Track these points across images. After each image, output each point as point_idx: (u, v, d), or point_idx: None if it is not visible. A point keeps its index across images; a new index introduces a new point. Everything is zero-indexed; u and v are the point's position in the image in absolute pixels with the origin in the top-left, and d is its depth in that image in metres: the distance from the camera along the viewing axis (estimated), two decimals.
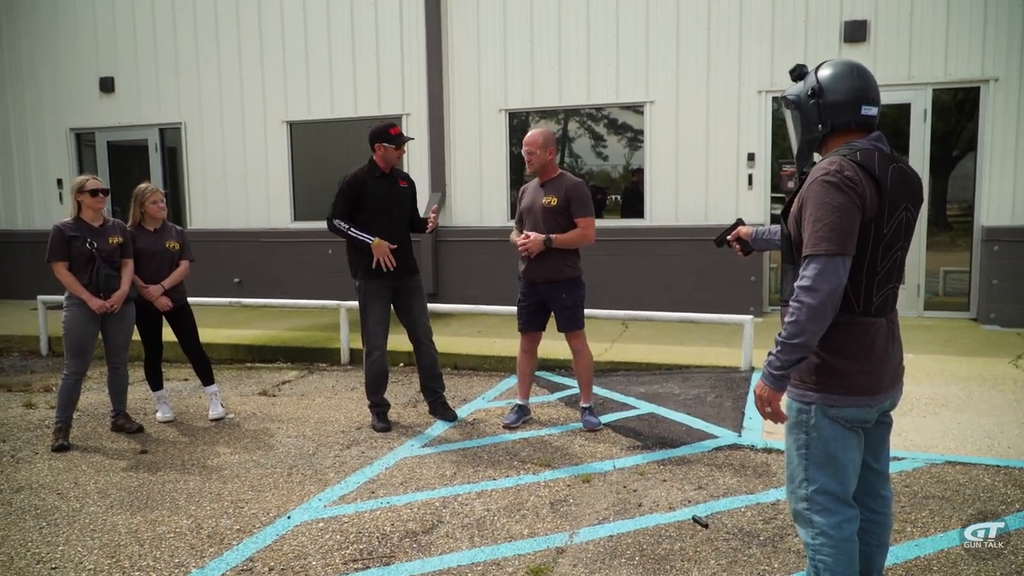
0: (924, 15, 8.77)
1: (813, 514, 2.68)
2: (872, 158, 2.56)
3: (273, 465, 5.14)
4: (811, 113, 2.70)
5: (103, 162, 12.55)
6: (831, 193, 2.49)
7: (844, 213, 2.47)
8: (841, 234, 2.46)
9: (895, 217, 2.57)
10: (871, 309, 2.60)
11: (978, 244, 8.84)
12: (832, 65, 2.70)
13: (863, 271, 2.57)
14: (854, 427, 2.66)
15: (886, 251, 2.58)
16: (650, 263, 9.74)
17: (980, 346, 7.74)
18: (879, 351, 2.62)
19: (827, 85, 2.66)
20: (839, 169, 2.52)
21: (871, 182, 2.52)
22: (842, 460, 2.65)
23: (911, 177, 2.66)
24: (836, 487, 2.66)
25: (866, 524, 2.85)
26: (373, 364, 5.91)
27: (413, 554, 3.83)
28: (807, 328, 2.47)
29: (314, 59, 11.10)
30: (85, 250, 5.57)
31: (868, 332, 2.61)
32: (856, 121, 2.65)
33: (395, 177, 5.93)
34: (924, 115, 8.90)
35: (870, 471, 2.83)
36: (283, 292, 10.92)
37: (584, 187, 5.61)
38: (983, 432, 5.36)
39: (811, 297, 2.46)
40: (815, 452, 2.66)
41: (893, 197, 2.56)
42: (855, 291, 2.59)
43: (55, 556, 3.87)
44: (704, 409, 6.12)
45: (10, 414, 6.51)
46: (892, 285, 2.65)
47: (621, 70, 9.84)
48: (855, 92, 2.63)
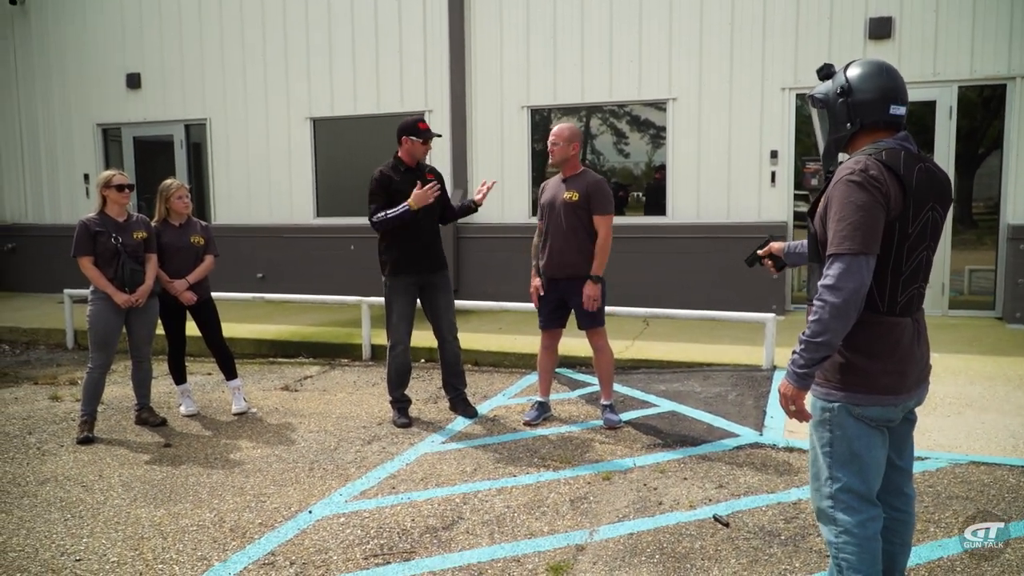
0: (950, 12, 8.67)
1: (837, 512, 2.68)
2: (898, 157, 2.55)
3: (295, 460, 5.18)
4: (840, 111, 2.70)
5: (129, 157, 12.67)
6: (855, 192, 2.49)
7: (868, 212, 2.47)
8: (865, 233, 2.46)
9: (921, 217, 2.56)
10: (896, 308, 2.60)
11: (1003, 242, 8.74)
12: (861, 64, 2.70)
13: (888, 270, 2.57)
14: (879, 426, 2.66)
15: (911, 251, 2.58)
16: (672, 260, 9.70)
17: (1005, 345, 7.66)
18: (904, 350, 2.62)
19: (856, 84, 2.66)
20: (864, 168, 2.52)
21: (896, 181, 2.52)
22: (866, 459, 2.65)
23: (939, 177, 2.65)
24: (860, 486, 2.66)
25: (889, 522, 2.84)
26: (396, 359, 5.94)
27: (433, 550, 3.85)
28: (830, 327, 2.48)
29: (338, 56, 11.14)
30: (110, 245, 5.63)
31: (893, 332, 2.60)
32: (885, 120, 2.65)
33: (421, 171, 5.91)
34: (949, 112, 8.80)
35: (893, 468, 2.83)
36: (305, 287, 10.98)
37: (605, 185, 5.60)
38: (1008, 432, 5.31)
39: (834, 296, 2.46)
40: (839, 450, 2.67)
41: (919, 197, 2.55)
42: (880, 290, 2.59)
43: (79, 548, 3.92)
44: (725, 407, 6.10)
45: (36, 407, 6.60)
46: (918, 285, 2.64)
47: (644, 67, 9.81)
48: (884, 91, 2.64)
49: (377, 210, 5.76)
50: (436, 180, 5.92)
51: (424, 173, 5.90)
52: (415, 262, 5.82)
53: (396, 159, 5.89)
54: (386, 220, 5.71)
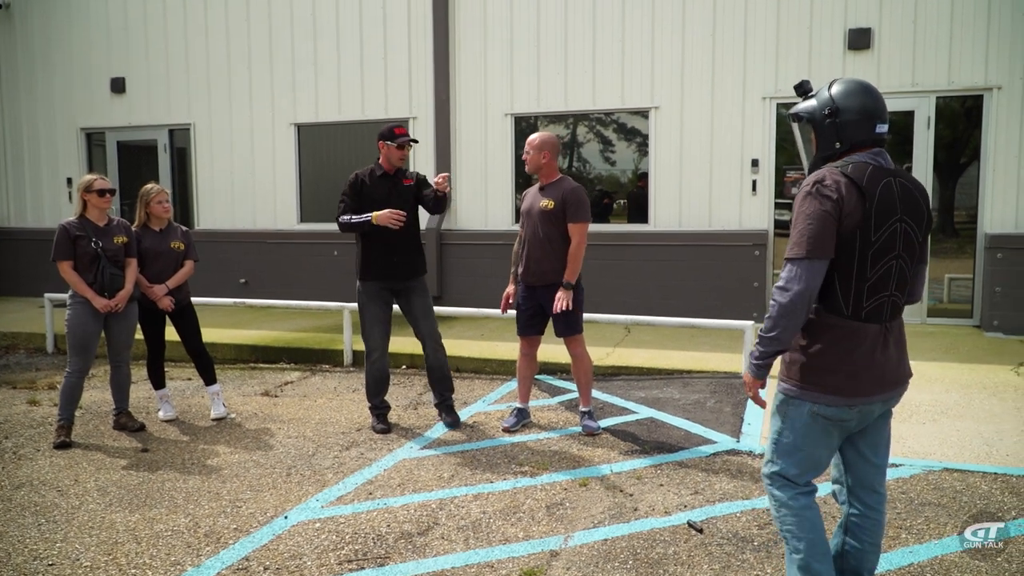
0: (928, 23, 8.77)
1: (773, 489, 2.95)
2: (863, 171, 2.70)
3: (272, 465, 5.18)
4: (827, 131, 2.83)
5: (113, 162, 12.63)
6: (807, 202, 2.69)
7: (816, 220, 2.65)
8: (812, 240, 2.65)
9: (885, 227, 2.69)
10: (861, 314, 2.73)
11: (981, 251, 8.83)
12: (844, 84, 2.83)
13: (852, 277, 2.71)
14: (831, 425, 2.82)
15: (876, 259, 2.70)
16: (654, 268, 9.75)
17: (982, 353, 7.73)
18: (862, 356, 2.75)
19: (843, 104, 2.79)
20: (820, 179, 2.70)
21: (856, 193, 2.66)
22: (807, 452, 2.86)
23: (911, 191, 2.78)
24: (794, 473, 2.90)
25: (859, 519, 3.00)
26: (372, 366, 5.94)
27: (408, 555, 3.86)
28: (779, 323, 2.71)
29: (322, 62, 11.16)
30: (90, 249, 5.63)
31: (853, 336, 2.74)
32: (871, 139, 2.78)
33: (399, 177, 5.90)
34: (928, 122, 8.89)
35: (868, 464, 2.98)
36: (289, 293, 10.98)
37: (581, 192, 5.61)
38: (982, 439, 5.36)
39: (783, 296, 2.69)
40: (785, 440, 2.90)
41: (882, 208, 2.68)
42: (844, 296, 2.72)
43: (52, 553, 3.91)
44: (704, 414, 6.14)
45: (14, 411, 6.57)
46: (889, 293, 2.75)
47: (626, 76, 9.87)
48: (870, 112, 2.77)
49: (344, 211, 5.79)
50: (414, 185, 5.92)
51: (401, 179, 5.90)
52: (386, 267, 5.81)
53: (376, 164, 5.90)
54: (348, 224, 5.75)
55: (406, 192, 5.88)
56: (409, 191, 5.90)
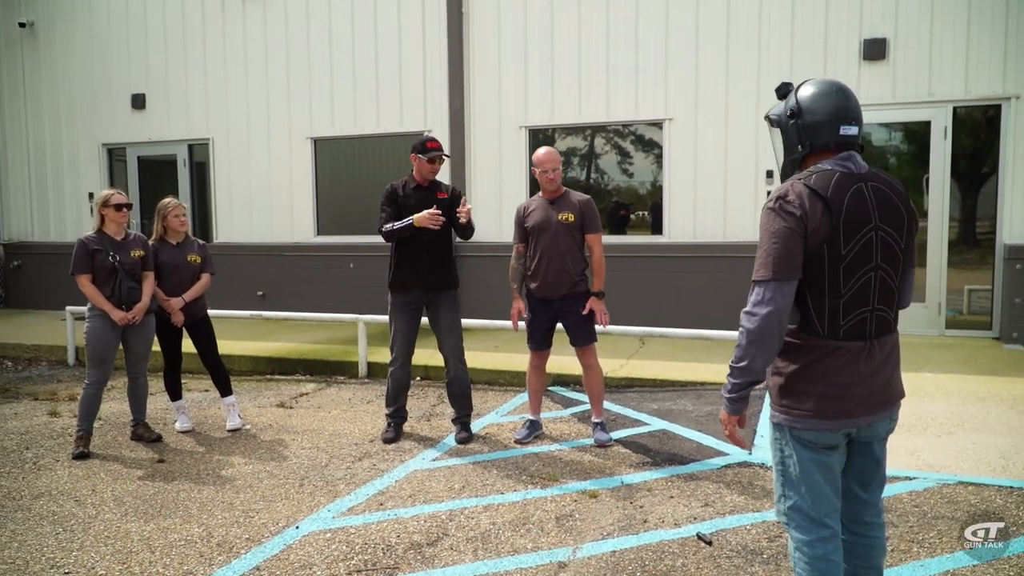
0: (944, 33, 8.74)
1: (790, 528, 2.74)
2: (828, 180, 2.54)
3: (286, 476, 5.23)
4: (791, 134, 2.70)
5: (133, 176, 12.79)
6: (770, 219, 2.55)
7: (780, 239, 2.51)
8: (776, 260, 2.50)
9: (857, 238, 2.53)
10: (839, 332, 2.57)
11: (1000, 262, 8.76)
12: (813, 84, 2.68)
13: (824, 294, 2.56)
14: (821, 450, 2.65)
15: (849, 273, 2.54)
16: (669, 280, 9.75)
17: (1000, 365, 7.67)
18: (844, 375, 2.58)
19: (806, 106, 2.65)
20: (782, 195, 2.55)
21: (821, 204, 2.51)
22: (810, 481, 2.66)
23: (887, 195, 2.61)
24: (807, 507, 2.68)
25: (852, 546, 2.83)
26: (392, 375, 6.00)
27: (416, 566, 3.89)
28: (748, 352, 2.55)
29: (338, 77, 11.26)
30: (108, 263, 5.71)
31: (831, 355, 2.58)
32: (836, 141, 2.63)
33: (432, 189, 5.90)
34: (944, 133, 8.85)
35: (856, 499, 2.81)
36: (306, 305, 11.05)
37: (594, 203, 5.76)
38: (998, 452, 5.32)
39: (750, 322, 2.53)
40: (788, 470, 2.71)
41: (852, 218, 2.52)
42: (818, 314, 2.57)
43: (68, 561, 3.97)
44: (716, 426, 6.12)
45: (35, 422, 6.66)
46: (871, 308, 2.59)
47: (640, 88, 9.89)
48: (834, 112, 2.61)
49: (386, 220, 5.81)
50: (448, 198, 5.92)
51: (435, 192, 5.90)
52: (414, 280, 5.85)
53: (409, 176, 5.95)
54: (391, 231, 5.75)
55: (440, 205, 5.84)
56: (443, 204, 5.88)
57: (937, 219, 8.97)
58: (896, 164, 9.35)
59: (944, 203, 8.93)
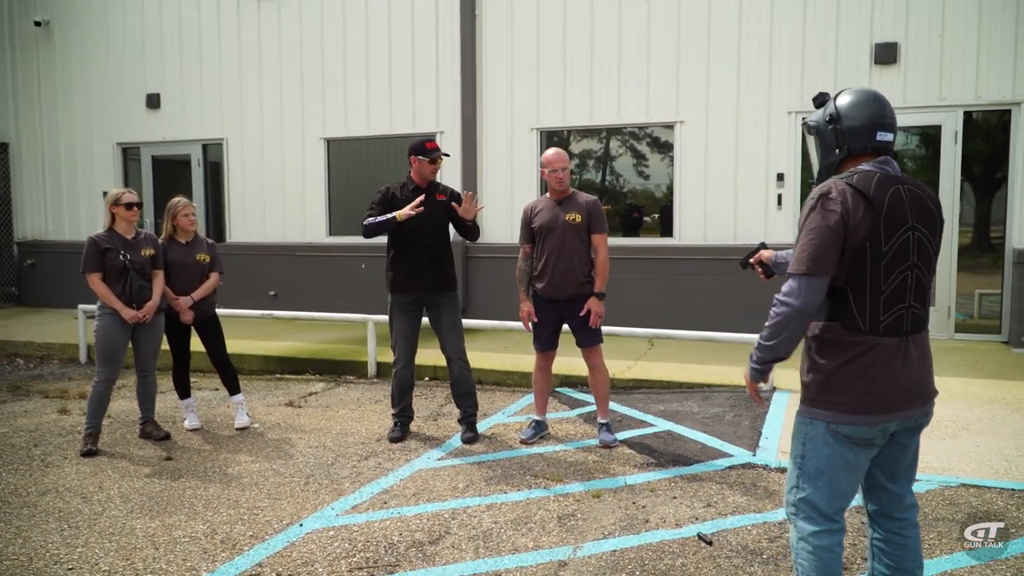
0: (955, 37, 8.71)
1: (798, 519, 2.81)
2: (870, 180, 2.65)
3: (291, 474, 5.27)
4: (829, 138, 2.84)
5: (148, 176, 12.89)
6: (812, 216, 2.66)
7: (819, 235, 2.62)
8: (814, 255, 2.62)
9: (897, 236, 2.64)
10: (879, 328, 2.66)
11: (1009, 266, 8.71)
12: (851, 93, 2.83)
13: (866, 290, 2.65)
14: (853, 444, 2.71)
15: (890, 270, 2.64)
16: (679, 282, 9.74)
17: (1008, 369, 7.63)
18: (883, 371, 2.66)
19: (845, 112, 2.79)
20: (825, 192, 2.66)
21: (864, 202, 2.61)
22: (831, 478, 2.74)
23: (921, 198, 2.73)
24: (821, 502, 2.75)
25: (882, 543, 2.90)
26: (396, 376, 6.02)
27: (417, 563, 3.91)
28: (778, 335, 2.73)
29: (352, 78, 11.33)
30: (119, 262, 5.77)
31: (871, 351, 2.66)
32: (872, 146, 2.75)
33: (431, 191, 5.94)
34: (955, 137, 8.81)
35: (884, 491, 2.88)
36: (317, 305, 11.10)
37: (600, 204, 5.78)
38: (1001, 455, 5.30)
39: (784, 309, 2.69)
40: (809, 464, 2.78)
41: (892, 217, 2.63)
42: (859, 310, 2.66)
43: (72, 557, 4.02)
44: (721, 428, 6.13)
45: (45, 419, 6.73)
46: (907, 305, 2.68)
47: (652, 90, 9.90)
48: (871, 119, 2.75)
49: (369, 217, 5.85)
50: (447, 200, 5.96)
51: (434, 193, 5.93)
52: (414, 281, 5.87)
53: (407, 178, 5.98)
54: (371, 224, 5.78)
55: (439, 206, 5.90)
56: (442, 206, 5.93)
57: (947, 223, 8.93)
58: (907, 168, 9.32)
59: (954, 207, 8.89)
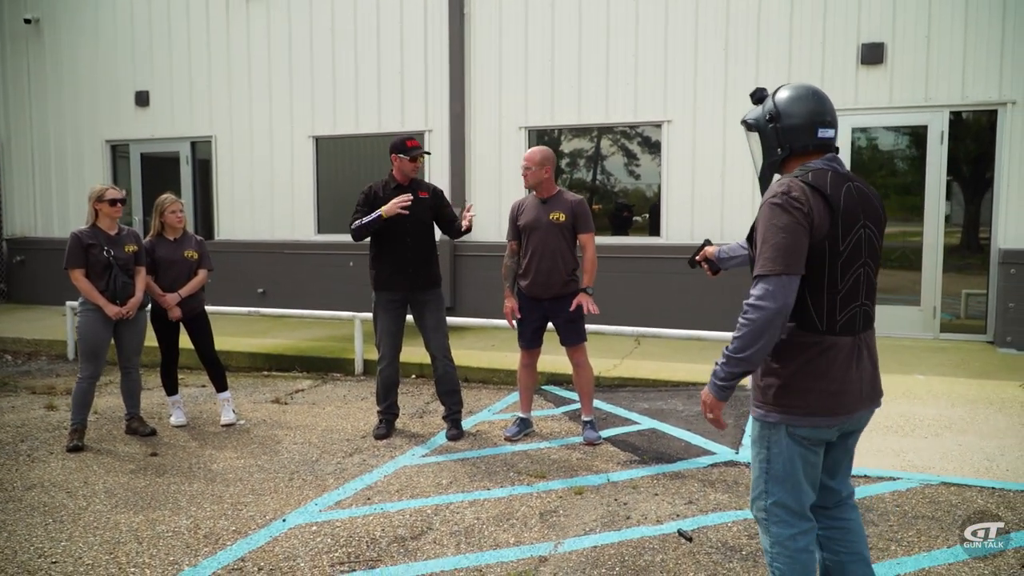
0: (941, 38, 8.77)
1: (771, 524, 2.77)
2: (824, 178, 2.61)
3: (276, 470, 5.28)
4: (770, 136, 2.76)
5: (136, 173, 12.88)
6: (777, 214, 2.56)
7: (790, 234, 2.53)
8: (786, 254, 2.52)
9: (852, 235, 2.62)
10: (835, 327, 2.63)
11: (995, 267, 8.78)
12: (789, 89, 2.76)
13: (823, 289, 2.61)
14: (812, 445, 2.71)
15: (845, 268, 2.62)
16: (666, 281, 9.78)
17: (992, 369, 7.68)
18: (841, 371, 2.64)
19: (784, 109, 2.72)
20: (786, 190, 2.58)
21: (822, 201, 2.57)
22: (799, 477, 2.72)
23: (868, 196, 2.71)
24: (792, 502, 2.74)
25: (830, 533, 2.89)
26: (380, 374, 6.04)
27: (399, 559, 3.93)
28: (751, 344, 2.56)
29: (340, 76, 11.34)
30: (102, 258, 5.77)
31: (828, 351, 2.63)
32: (814, 144, 2.70)
33: (413, 188, 5.94)
34: (941, 137, 8.87)
35: (824, 488, 2.87)
36: (305, 303, 11.11)
37: (586, 204, 5.79)
38: (983, 454, 5.35)
39: (757, 314, 2.54)
40: (775, 467, 2.74)
41: (847, 215, 2.60)
42: (817, 310, 2.62)
43: (56, 551, 4.03)
44: (705, 426, 6.16)
45: (31, 415, 6.73)
46: (860, 303, 2.66)
47: (639, 90, 9.94)
48: (811, 115, 2.69)
49: (355, 220, 5.86)
50: (430, 198, 5.98)
51: (416, 191, 5.93)
52: (398, 279, 5.89)
53: (389, 176, 5.99)
54: (360, 227, 5.78)
55: (422, 204, 5.90)
56: (425, 204, 5.94)
57: (933, 223, 9.00)
58: (893, 168, 9.38)
59: (939, 207, 8.95)
